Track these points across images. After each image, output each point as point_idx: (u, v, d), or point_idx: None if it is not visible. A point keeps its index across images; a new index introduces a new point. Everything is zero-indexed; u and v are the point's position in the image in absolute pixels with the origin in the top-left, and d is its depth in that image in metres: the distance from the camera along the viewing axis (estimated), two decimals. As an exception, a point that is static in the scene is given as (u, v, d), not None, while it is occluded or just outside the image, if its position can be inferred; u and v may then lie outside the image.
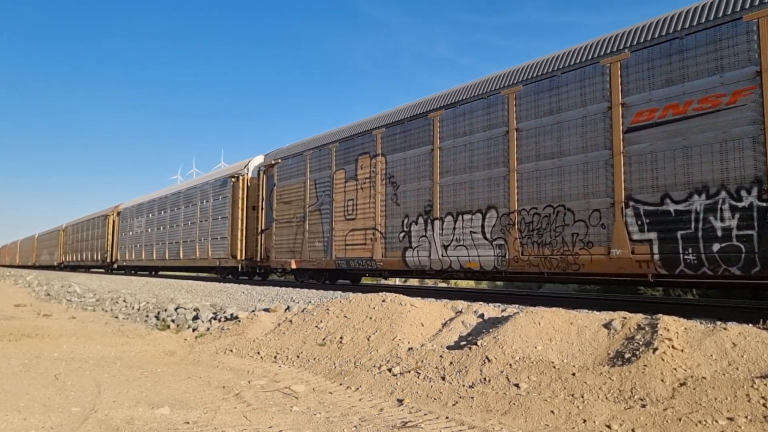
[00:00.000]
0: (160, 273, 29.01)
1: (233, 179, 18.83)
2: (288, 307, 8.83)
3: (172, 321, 9.50)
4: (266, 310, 8.79)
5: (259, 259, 16.72)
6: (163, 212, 24.81)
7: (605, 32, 8.75)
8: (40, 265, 56.16)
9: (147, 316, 10.64)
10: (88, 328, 8.90)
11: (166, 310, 10.67)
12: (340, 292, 11.05)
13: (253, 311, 8.78)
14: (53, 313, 11.37)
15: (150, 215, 26.09)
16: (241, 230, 17.80)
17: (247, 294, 12.72)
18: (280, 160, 16.73)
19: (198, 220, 20.90)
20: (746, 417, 3.65)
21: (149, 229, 26.11)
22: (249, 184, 18.27)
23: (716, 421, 3.65)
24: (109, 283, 20.71)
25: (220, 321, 8.94)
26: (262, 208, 16.89)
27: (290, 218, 15.59)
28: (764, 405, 3.71)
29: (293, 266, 15.10)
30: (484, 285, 18.48)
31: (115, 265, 30.97)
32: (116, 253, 29.99)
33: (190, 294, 14.20)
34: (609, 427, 3.81)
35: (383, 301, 7.16)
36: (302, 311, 7.97)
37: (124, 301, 13.54)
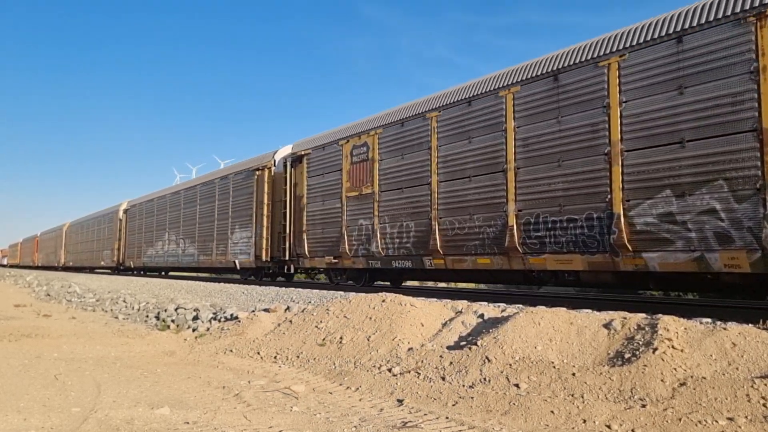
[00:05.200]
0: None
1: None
2: (288, 308, 8.82)
3: (172, 321, 9.50)
4: (266, 310, 8.78)
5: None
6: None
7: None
8: (138, 268, 29.12)
9: (147, 316, 10.64)
10: (88, 329, 8.90)
11: (166, 311, 10.67)
12: (341, 293, 11.05)
13: (253, 311, 8.78)
14: (53, 314, 11.38)
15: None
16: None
17: (247, 294, 12.71)
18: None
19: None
20: (746, 417, 3.65)
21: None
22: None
23: (716, 421, 3.65)
24: (109, 284, 20.71)
25: (220, 321, 8.94)
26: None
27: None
28: (764, 405, 3.71)
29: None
30: (483, 285, 18.48)
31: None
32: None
33: (190, 294, 14.20)
34: (609, 427, 3.81)
35: (383, 301, 7.15)
36: (302, 311, 7.97)
37: (124, 301, 13.54)
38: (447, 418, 4.13)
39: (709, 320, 5.66)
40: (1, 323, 9.22)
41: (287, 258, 15.26)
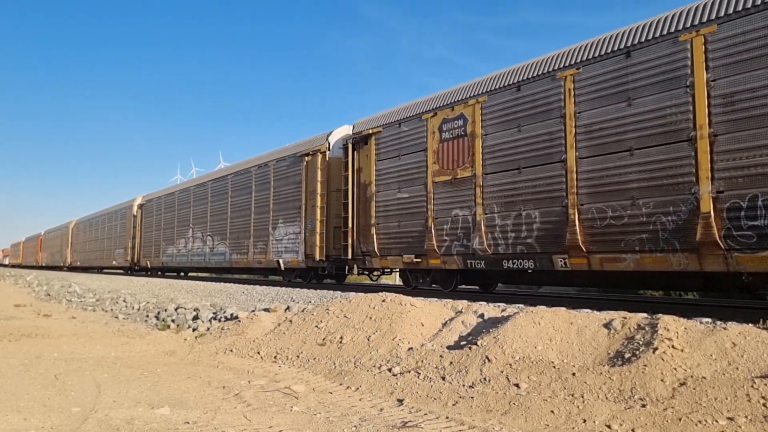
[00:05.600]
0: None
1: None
2: (288, 307, 8.83)
3: (172, 321, 9.50)
4: (266, 310, 8.79)
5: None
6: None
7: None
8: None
9: (147, 316, 10.65)
10: (88, 328, 8.90)
11: (166, 310, 10.67)
12: (340, 292, 11.04)
13: (253, 311, 8.78)
14: (53, 314, 11.38)
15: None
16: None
17: (247, 294, 12.72)
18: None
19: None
20: (746, 417, 3.65)
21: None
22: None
23: (716, 421, 3.65)
24: (109, 283, 20.72)
25: (220, 321, 8.94)
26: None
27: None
28: (764, 405, 3.71)
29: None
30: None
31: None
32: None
33: (190, 294, 14.21)
34: (609, 427, 3.81)
35: (383, 301, 7.16)
36: (302, 311, 7.97)
37: (124, 301, 13.55)
38: (447, 417, 4.13)
39: (709, 320, 5.66)
40: (1, 323, 9.22)
41: (349, 257, 12.99)
